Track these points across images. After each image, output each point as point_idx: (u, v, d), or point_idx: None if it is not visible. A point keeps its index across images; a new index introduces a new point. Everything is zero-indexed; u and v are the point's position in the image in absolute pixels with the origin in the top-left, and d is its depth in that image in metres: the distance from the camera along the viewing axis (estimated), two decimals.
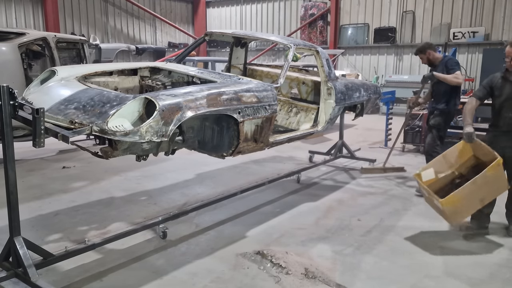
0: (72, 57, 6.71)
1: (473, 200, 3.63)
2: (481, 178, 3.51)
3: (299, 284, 2.98)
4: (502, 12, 12.22)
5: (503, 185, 3.68)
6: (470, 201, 3.62)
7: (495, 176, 3.55)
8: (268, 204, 4.65)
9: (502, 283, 3.06)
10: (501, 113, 3.74)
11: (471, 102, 3.85)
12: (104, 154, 2.87)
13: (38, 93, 3.37)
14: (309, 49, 4.73)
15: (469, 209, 3.72)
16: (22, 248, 2.70)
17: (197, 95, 3.00)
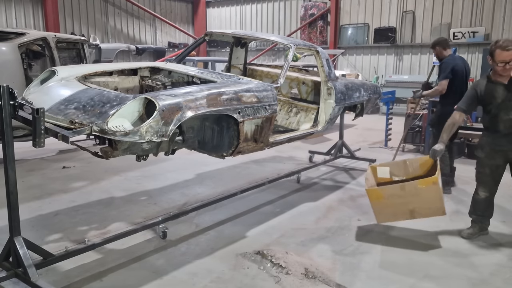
0: (72, 57, 6.71)
1: (401, 206, 3.61)
2: (410, 186, 3.53)
3: (299, 284, 2.98)
4: (502, 12, 12.23)
5: (437, 207, 3.58)
6: (397, 207, 3.62)
7: (427, 192, 3.47)
8: (268, 204, 4.65)
9: (502, 283, 3.06)
10: (499, 116, 3.52)
11: (454, 116, 3.63)
12: (104, 154, 2.87)
13: (38, 93, 3.37)
14: (309, 49, 4.73)
15: (396, 215, 3.71)
16: (22, 248, 2.70)
17: (197, 95, 3.00)
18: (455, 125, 3.65)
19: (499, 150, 3.59)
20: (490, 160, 3.64)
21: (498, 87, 3.51)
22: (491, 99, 3.54)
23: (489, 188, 3.73)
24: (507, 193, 5.16)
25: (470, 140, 7.11)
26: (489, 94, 3.54)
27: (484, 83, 3.59)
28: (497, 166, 3.65)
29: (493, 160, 3.63)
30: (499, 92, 3.50)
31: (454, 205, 4.66)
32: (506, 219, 4.29)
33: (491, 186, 3.72)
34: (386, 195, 3.64)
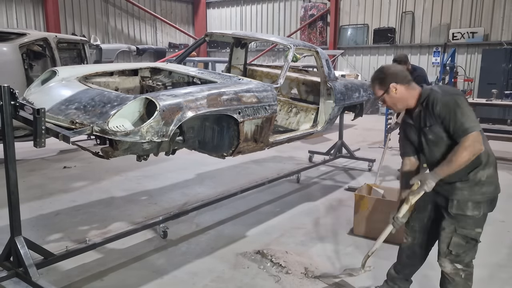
0: (73, 58, 6.72)
1: (380, 224, 3.27)
2: (395, 205, 3.01)
3: (299, 283, 2.99)
4: (501, 12, 12.25)
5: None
6: (376, 223, 3.52)
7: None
8: (268, 204, 4.66)
9: (501, 283, 3.07)
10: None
11: (405, 163, 2.61)
12: (104, 154, 2.88)
13: (39, 93, 3.38)
14: (309, 50, 4.75)
15: (373, 230, 3.58)
16: (23, 248, 2.71)
17: (197, 96, 3.01)
18: (410, 169, 2.59)
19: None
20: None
21: (407, 128, 2.55)
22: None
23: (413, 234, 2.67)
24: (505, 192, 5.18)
25: None
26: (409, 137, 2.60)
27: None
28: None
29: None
30: (412, 135, 2.54)
31: None
32: (506, 218, 4.31)
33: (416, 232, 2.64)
34: (371, 206, 3.66)
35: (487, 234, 3.86)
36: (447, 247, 2.40)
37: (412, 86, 2.43)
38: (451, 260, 2.40)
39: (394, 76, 2.40)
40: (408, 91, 2.41)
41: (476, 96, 11.36)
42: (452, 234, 2.38)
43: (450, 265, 2.41)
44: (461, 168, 2.25)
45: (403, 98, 2.43)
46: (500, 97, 7.76)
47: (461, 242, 2.36)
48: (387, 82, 2.41)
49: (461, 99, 2.28)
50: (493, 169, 2.40)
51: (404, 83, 2.41)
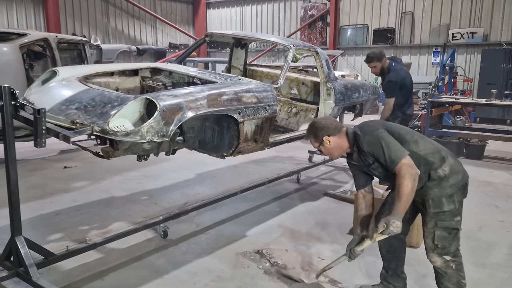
0: (73, 58, 6.73)
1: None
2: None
3: (299, 283, 2.99)
4: (501, 12, 12.26)
5: (411, 238, 3.40)
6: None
7: None
8: (268, 204, 4.67)
9: (501, 283, 3.08)
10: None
11: (359, 197, 2.78)
12: (105, 154, 2.89)
13: (39, 94, 3.39)
14: (309, 50, 4.76)
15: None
16: (23, 248, 2.71)
17: (197, 96, 3.02)
18: (365, 207, 2.72)
19: None
20: None
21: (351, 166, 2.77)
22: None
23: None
24: (505, 192, 5.19)
25: (469, 140, 7.13)
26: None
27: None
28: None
29: None
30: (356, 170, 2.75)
31: None
32: (505, 218, 4.31)
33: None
34: None
35: (487, 234, 3.89)
36: (432, 242, 2.49)
37: (341, 135, 2.58)
38: (439, 254, 2.49)
39: (326, 130, 2.57)
40: (341, 139, 2.59)
41: (476, 96, 11.37)
42: (434, 228, 2.47)
43: (439, 259, 2.49)
44: (411, 197, 2.34)
45: (337, 147, 2.61)
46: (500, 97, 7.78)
47: (444, 234, 2.46)
48: (320, 136, 2.59)
49: (380, 132, 2.43)
50: (451, 160, 2.47)
51: (335, 134, 2.57)
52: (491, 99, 7.06)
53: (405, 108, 4.90)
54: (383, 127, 2.51)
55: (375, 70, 4.91)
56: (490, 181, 5.57)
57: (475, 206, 4.68)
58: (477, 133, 7.27)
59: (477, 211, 4.52)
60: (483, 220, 4.23)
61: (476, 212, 4.48)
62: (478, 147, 7.02)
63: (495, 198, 4.95)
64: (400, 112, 4.87)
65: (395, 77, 4.76)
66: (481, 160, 6.87)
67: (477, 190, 5.24)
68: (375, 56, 4.79)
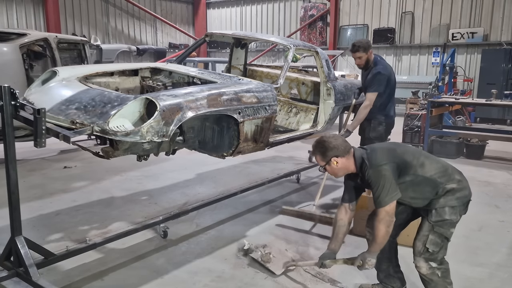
0: (73, 58, 6.72)
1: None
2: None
3: (299, 282, 2.99)
4: (501, 12, 12.25)
5: (412, 238, 3.13)
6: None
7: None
8: (268, 204, 4.67)
9: (501, 283, 3.08)
10: None
11: (340, 211, 2.70)
12: (105, 154, 2.89)
13: (39, 94, 3.39)
14: (309, 50, 4.76)
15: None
16: (23, 248, 2.71)
17: (197, 96, 3.02)
18: (340, 226, 2.70)
19: None
20: None
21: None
22: None
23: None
24: (505, 192, 5.19)
25: (469, 140, 7.13)
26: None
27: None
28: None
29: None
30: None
31: None
32: (505, 218, 4.31)
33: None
34: (370, 206, 3.65)
35: (487, 234, 3.89)
36: (423, 245, 2.50)
37: (349, 156, 2.55)
38: (426, 259, 2.51)
39: (335, 150, 2.52)
40: (348, 161, 2.55)
41: (476, 96, 11.37)
42: (429, 232, 2.50)
43: (425, 264, 2.51)
44: (385, 239, 2.46)
45: (343, 168, 2.57)
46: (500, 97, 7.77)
47: (437, 240, 2.49)
48: (328, 156, 2.54)
49: (385, 170, 2.42)
50: (458, 177, 2.52)
51: (344, 155, 2.54)
52: (491, 99, 7.06)
53: (388, 109, 4.39)
54: (391, 161, 2.46)
55: (359, 62, 4.45)
56: (490, 181, 5.57)
57: (475, 206, 4.65)
58: (477, 133, 7.27)
59: (477, 211, 4.51)
60: (483, 220, 4.23)
61: (476, 212, 4.47)
62: (478, 147, 7.02)
63: (495, 198, 4.95)
64: (383, 116, 4.38)
65: (383, 69, 4.29)
66: (481, 160, 6.87)
67: (477, 190, 5.23)
68: (362, 46, 4.34)
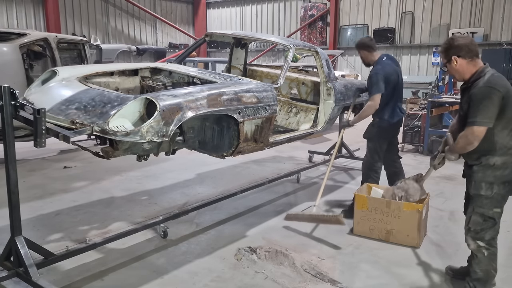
0: (73, 58, 6.73)
1: (380, 224, 3.65)
2: (395, 206, 3.55)
3: (299, 283, 2.99)
4: (501, 12, 12.26)
5: (413, 237, 3.53)
6: (376, 223, 3.67)
7: (408, 217, 3.49)
8: (268, 204, 4.66)
9: (501, 283, 3.07)
10: None
11: (453, 121, 3.02)
12: (105, 154, 2.89)
13: (39, 93, 3.39)
14: (309, 50, 4.75)
15: (373, 231, 3.71)
16: (23, 248, 2.71)
17: (197, 96, 3.02)
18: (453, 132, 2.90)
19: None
20: None
21: None
22: None
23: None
24: None
25: None
26: None
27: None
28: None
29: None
30: None
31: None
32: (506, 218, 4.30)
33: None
34: (371, 206, 3.68)
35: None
36: (467, 224, 2.73)
37: (474, 63, 2.61)
38: (473, 237, 2.71)
39: (459, 49, 2.60)
40: (467, 66, 2.62)
41: None
42: (471, 213, 2.70)
43: (473, 242, 2.72)
44: (462, 152, 2.64)
45: (459, 71, 2.65)
46: None
47: (478, 220, 2.66)
48: (450, 54, 2.63)
49: (494, 93, 2.46)
50: (509, 157, 2.59)
51: (466, 57, 2.60)
52: None
53: (383, 112, 4.10)
54: (505, 93, 2.49)
55: (362, 60, 4.32)
56: None
57: None
58: None
59: None
60: None
61: None
62: None
63: None
64: (377, 118, 4.15)
65: (380, 70, 4.04)
66: None
67: None
68: (357, 44, 4.22)
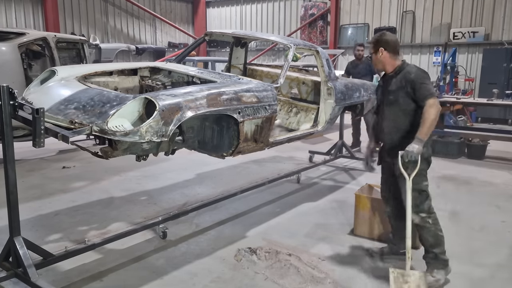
0: (72, 57, 6.71)
1: (380, 224, 3.68)
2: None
3: (299, 283, 2.98)
4: (502, 12, 12.23)
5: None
6: (377, 223, 3.70)
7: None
8: (268, 204, 4.65)
9: (502, 283, 3.06)
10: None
11: (375, 119, 3.42)
12: (104, 154, 2.87)
13: (38, 93, 3.37)
14: (309, 49, 4.73)
15: (373, 231, 3.73)
16: (22, 248, 2.70)
17: (197, 95, 3.00)
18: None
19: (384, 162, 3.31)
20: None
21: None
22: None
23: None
24: (506, 192, 5.17)
25: (470, 140, 7.11)
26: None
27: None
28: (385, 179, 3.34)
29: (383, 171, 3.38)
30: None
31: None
32: (506, 219, 4.30)
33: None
34: (372, 206, 3.66)
35: (488, 235, 3.87)
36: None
37: (396, 58, 3.06)
38: (415, 212, 2.96)
39: (386, 44, 3.04)
40: (390, 59, 3.05)
41: (477, 95, 11.34)
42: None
43: (416, 217, 2.98)
44: (434, 124, 2.79)
45: (383, 62, 3.07)
46: (501, 97, 7.75)
47: (416, 195, 2.94)
48: (378, 45, 3.05)
49: (428, 76, 2.98)
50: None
51: (390, 51, 3.04)
52: (492, 99, 7.03)
53: None
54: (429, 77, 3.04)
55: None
56: (491, 181, 5.54)
57: (476, 206, 4.66)
58: (478, 133, 7.25)
59: (478, 211, 4.50)
60: (484, 221, 4.21)
61: (477, 212, 4.47)
62: (479, 147, 7.00)
63: (497, 198, 4.93)
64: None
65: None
66: (482, 160, 6.85)
67: (478, 190, 5.22)
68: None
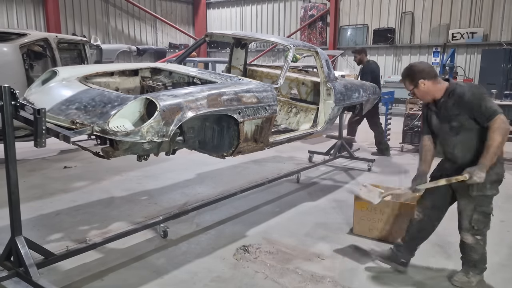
0: (73, 58, 6.73)
1: (379, 224, 3.71)
2: (394, 206, 3.60)
3: (299, 283, 2.99)
4: (501, 12, 12.26)
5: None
6: (376, 223, 3.72)
7: (407, 217, 3.26)
8: (268, 204, 4.67)
9: (502, 283, 3.08)
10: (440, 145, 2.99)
11: (425, 139, 3.00)
12: (105, 154, 2.89)
13: (39, 94, 3.39)
14: (309, 50, 4.76)
15: (372, 230, 3.75)
16: (23, 248, 2.71)
17: (197, 96, 3.02)
18: (430, 146, 2.98)
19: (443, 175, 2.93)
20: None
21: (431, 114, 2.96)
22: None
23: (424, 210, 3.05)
24: (505, 192, 5.18)
25: None
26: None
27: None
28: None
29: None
30: (433, 120, 2.95)
31: None
32: (506, 218, 4.31)
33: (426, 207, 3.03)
34: (371, 206, 3.68)
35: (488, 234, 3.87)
36: (469, 224, 2.80)
37: (438, 81, 2.81)
38: (473, 234, 2.81)
39: (422, 73, 2.79)
40: (434, 85, 2.80)
41: None
42: (472, 212, 2.77)
43: (471, 238, 2.83)
44: (500, 150, 2.59)
45: (430, 92, 2.81)
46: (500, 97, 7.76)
47: (481, 218, 2.78)
48: (416, 78, 2.79)
49: (484, 91, 2.70)
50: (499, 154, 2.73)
51: (430, 79, 2.78)
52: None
53: None
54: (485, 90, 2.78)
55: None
56: None
57: None
58: None
59: None
60: None
61: None
62: None
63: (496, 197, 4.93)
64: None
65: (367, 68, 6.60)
66: None
67: None
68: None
